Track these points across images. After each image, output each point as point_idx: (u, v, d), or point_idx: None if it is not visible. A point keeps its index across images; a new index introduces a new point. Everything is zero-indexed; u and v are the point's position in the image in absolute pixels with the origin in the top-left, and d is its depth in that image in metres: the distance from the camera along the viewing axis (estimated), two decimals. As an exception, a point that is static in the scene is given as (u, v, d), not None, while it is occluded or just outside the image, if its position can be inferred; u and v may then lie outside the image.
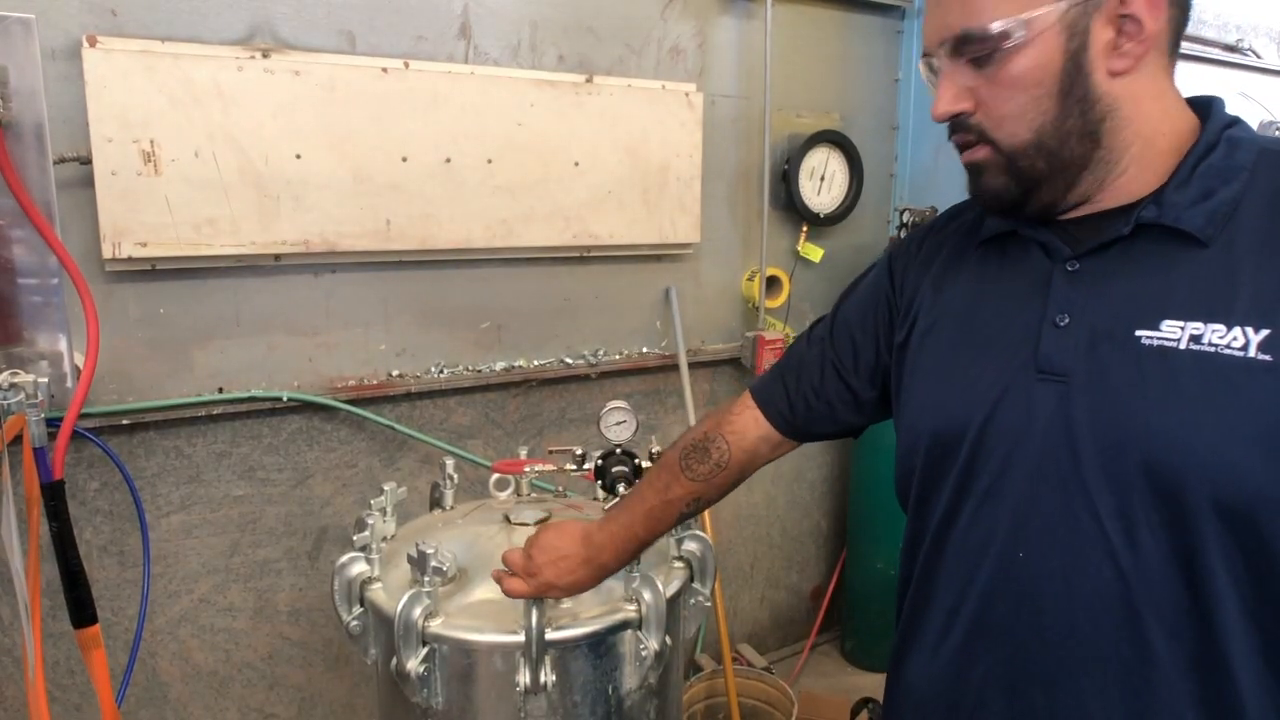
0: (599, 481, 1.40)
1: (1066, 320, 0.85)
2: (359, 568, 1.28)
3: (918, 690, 1.00)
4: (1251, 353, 0.75)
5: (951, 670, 0.95)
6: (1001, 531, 0.89)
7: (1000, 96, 0.83)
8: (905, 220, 2.67)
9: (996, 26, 0.80)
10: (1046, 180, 0.85)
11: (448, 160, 2.09)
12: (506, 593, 1.18)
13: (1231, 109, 0.87)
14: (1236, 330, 0.76)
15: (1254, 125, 0.98)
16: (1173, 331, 0.79)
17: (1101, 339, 0.83)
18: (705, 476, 1.14)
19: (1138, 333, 0.80)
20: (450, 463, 1.57)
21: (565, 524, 1.22)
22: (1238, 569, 0.77)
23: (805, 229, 2.76)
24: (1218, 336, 0.77)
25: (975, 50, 0.82)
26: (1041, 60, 0.80)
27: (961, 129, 0.87)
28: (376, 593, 1.26)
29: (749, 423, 1.15)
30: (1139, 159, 0.84)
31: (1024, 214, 0.89)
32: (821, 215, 2.73)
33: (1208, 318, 0.78)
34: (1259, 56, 3.46)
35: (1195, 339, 0.78)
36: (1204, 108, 0.86)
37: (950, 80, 0.85)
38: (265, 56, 1.88)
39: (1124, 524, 0.80)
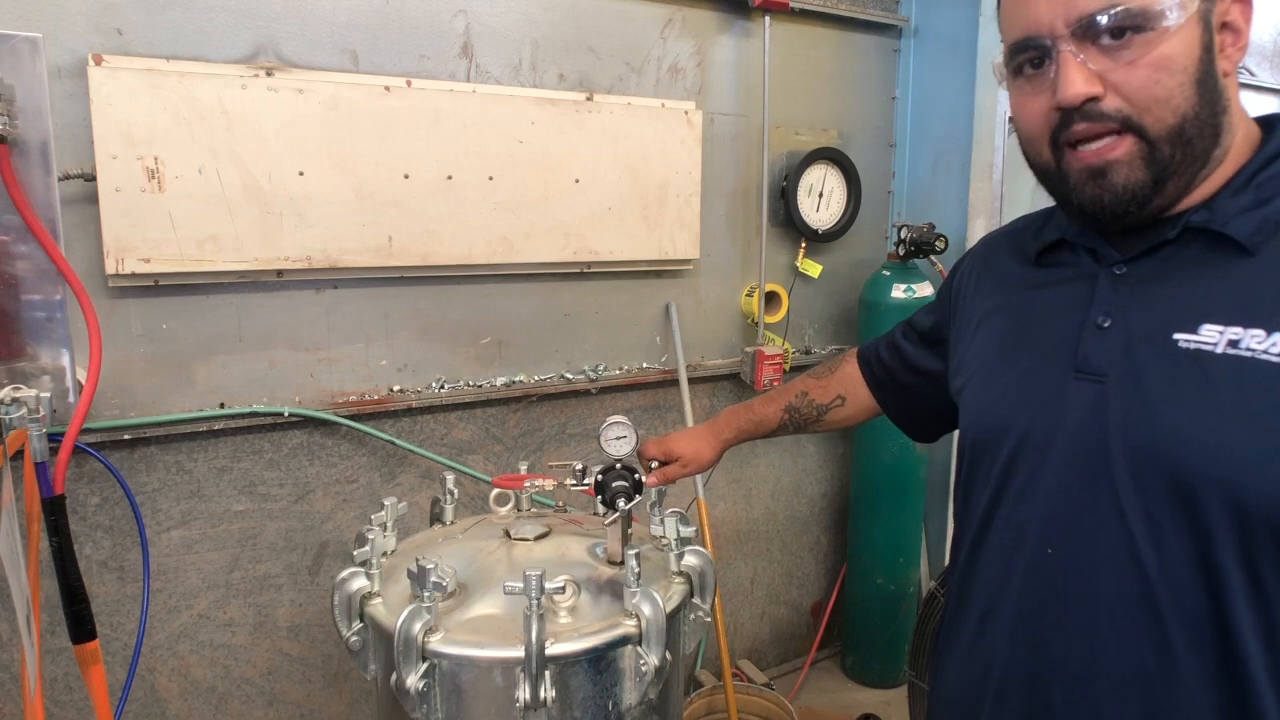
0: (599, 496, 1.40)
1: (1108, 322, 0.86)
2: (359, 583, 1.28)
3: (952, 693, 1.01)
4: None
5: (980, 669, 0.96)
6: (1033, 530, 0.90)
7: (1147, 80, 0.79)
8: (903, 236, 2.68)
9: (1162, 4, 0.78)
10: (1176, 175, 0.82)
11: (449, 177, 2.11)
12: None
13: None
14: (1277, 336, 0.76)
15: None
16: (1211, 336, 0.79)
17: (1139, 341, 0.83)
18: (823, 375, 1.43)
19: (1175, 336, 0.81)
20: (451, 478, 1.57)
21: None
22: (1257, 578, 0.77)
23: (804, 245, 2.77)
24: (1256, 341, 0.76)
25: (1130, 20, 0.78)
26: (1188, 44, 0.79)
27: (1095, 118, 0.81)
28: (376, 608, 1.26)
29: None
30: (1216, 164, 0.84)
31: (1136, 218, 0.85)
32: (820, 231, 2.75)
33: (1248, 323, 0.77)
34: (1252, 74, 3.49)
35: (1233, 344, 0.77)
36: (1266, 124, 0.87)
37: (1077, 63, 0.81)
38: (269, 75, 1.89)
39: (1149, 525, 0.81)
